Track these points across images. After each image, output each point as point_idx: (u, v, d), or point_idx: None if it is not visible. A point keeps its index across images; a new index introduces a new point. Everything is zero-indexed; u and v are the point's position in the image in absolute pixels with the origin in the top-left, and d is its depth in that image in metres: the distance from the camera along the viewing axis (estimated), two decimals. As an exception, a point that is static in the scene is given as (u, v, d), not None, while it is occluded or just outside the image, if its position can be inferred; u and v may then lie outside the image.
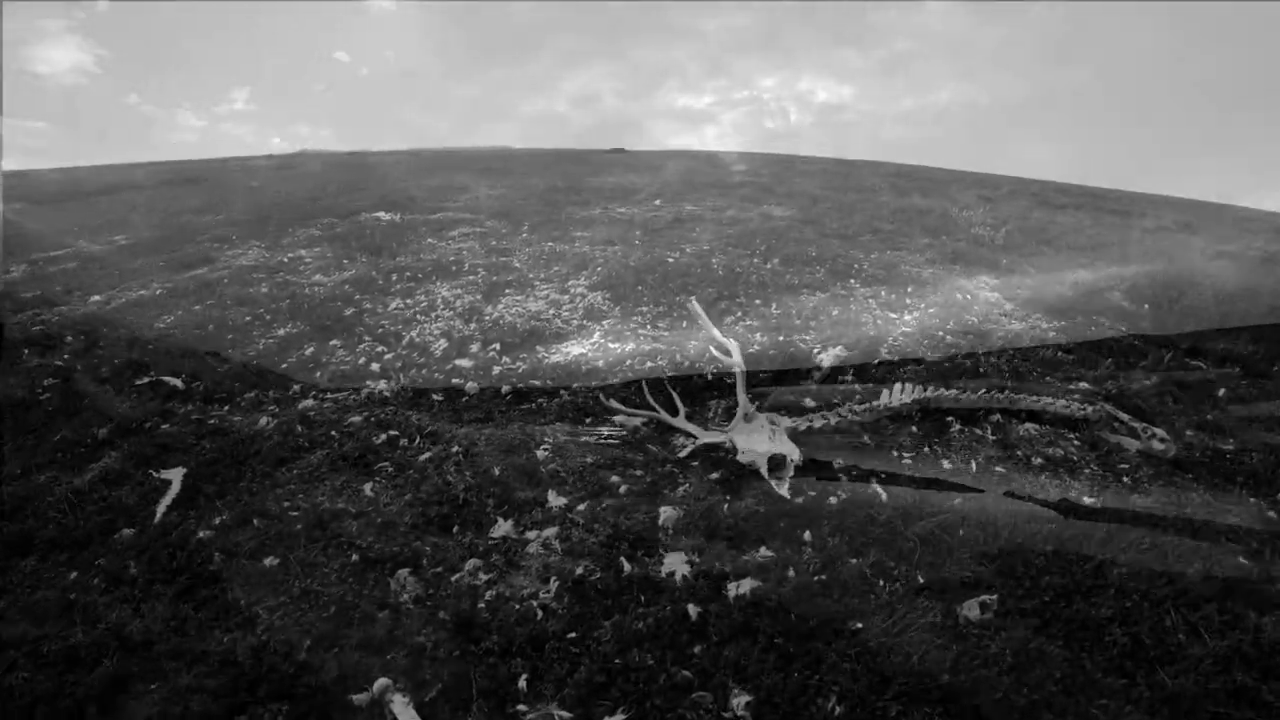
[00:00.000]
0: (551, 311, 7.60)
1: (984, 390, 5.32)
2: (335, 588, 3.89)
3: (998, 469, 4.65)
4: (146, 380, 6.65)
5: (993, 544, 3.94)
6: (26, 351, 7.22)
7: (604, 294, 7.99)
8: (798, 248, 9.49)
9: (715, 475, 4.59)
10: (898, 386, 5.28)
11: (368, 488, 4.71)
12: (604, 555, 3.97)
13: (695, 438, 4.90)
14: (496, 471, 4.73)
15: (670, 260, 9.09)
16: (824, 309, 7.20)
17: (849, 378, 5.94)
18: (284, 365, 6.79)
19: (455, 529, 4.30)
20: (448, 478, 4.74)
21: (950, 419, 5.19)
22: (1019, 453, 4.86)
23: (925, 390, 5.23)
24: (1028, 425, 5.16)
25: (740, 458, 4.56)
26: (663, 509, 4.21)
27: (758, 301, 7.47)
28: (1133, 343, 6.70)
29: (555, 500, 4.47)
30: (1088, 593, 3.65)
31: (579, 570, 3.84)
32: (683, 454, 4.79)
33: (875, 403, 5.18)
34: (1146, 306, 7.56)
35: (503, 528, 4.25)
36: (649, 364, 6.24)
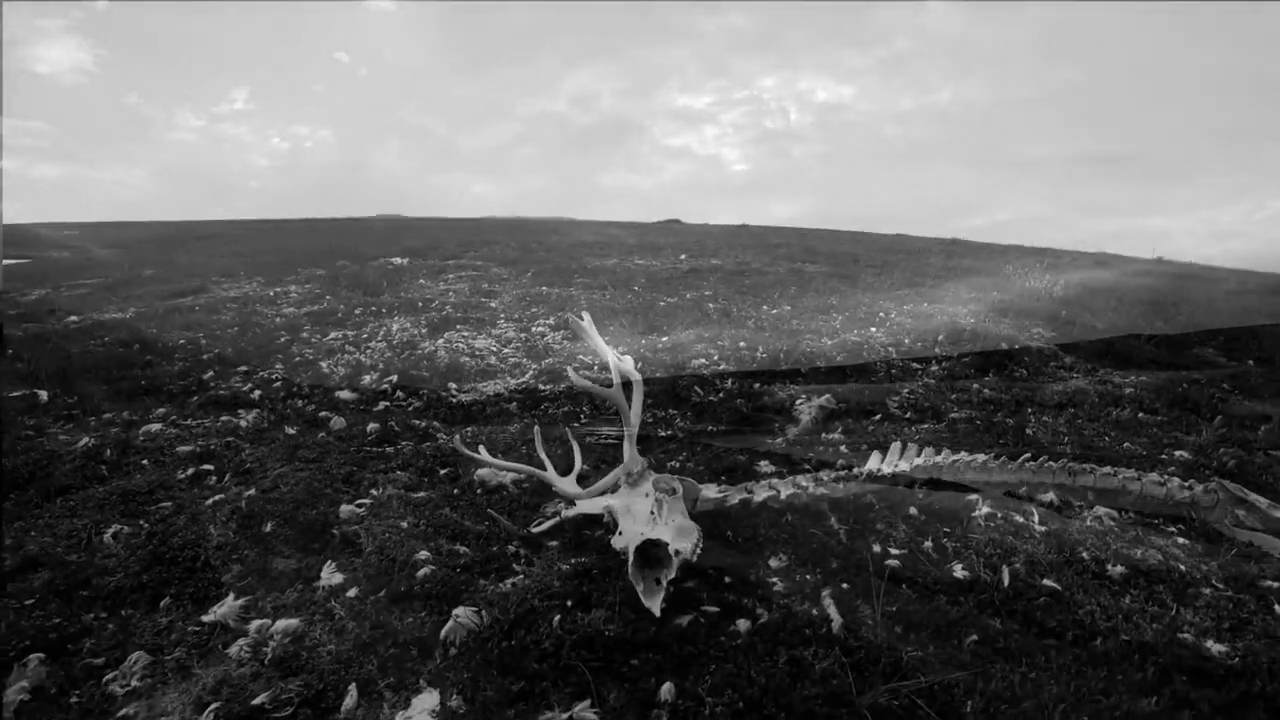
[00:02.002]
0: (495, 348, 6.12)
1: (1027, 458, 3.35)
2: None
3: (1046, 583, 2.66)
4: (19, 392, 5.57)
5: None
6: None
7: (565, 333, 6.47)
8: (817, 298, 7.75)
9: (569, 565, 2.82)
10: (896, 446, 3.40)
11: (110, 533, 3.21)
12: (331, 675, 2.26)
13: (569, 505, 3.17)
14: (268, 527, 3.14)
15: (661, 304, 7.53)
16: (824, 354, 5.38)
17: (836, 435, 4.08)
18: (170, 386, 5.56)
19: (166, 601, 2.71)
20: (211, 528, 3.18)
21: (974, 498, 3.23)
22: (1083, 555, 2.84)
23: (938, 455, 3.33)
24: (1098, 512, 3.14)
25: (614, 542, 2.79)
26: (457, 612, 2.47)
27: (742, 345, 5.74)
28: (1243, 402, 4.52)
29: (328, 577, 2.82)
30: None
31: (262, 698, 2.14)
32: (536, 528, 3.07)
33: (860, 469, 3.31)
34: (1251, 363, 5.34)
35: (223, 609, 2.62)
36: (566, 408, 4.59)
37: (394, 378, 5.20)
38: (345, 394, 4.97)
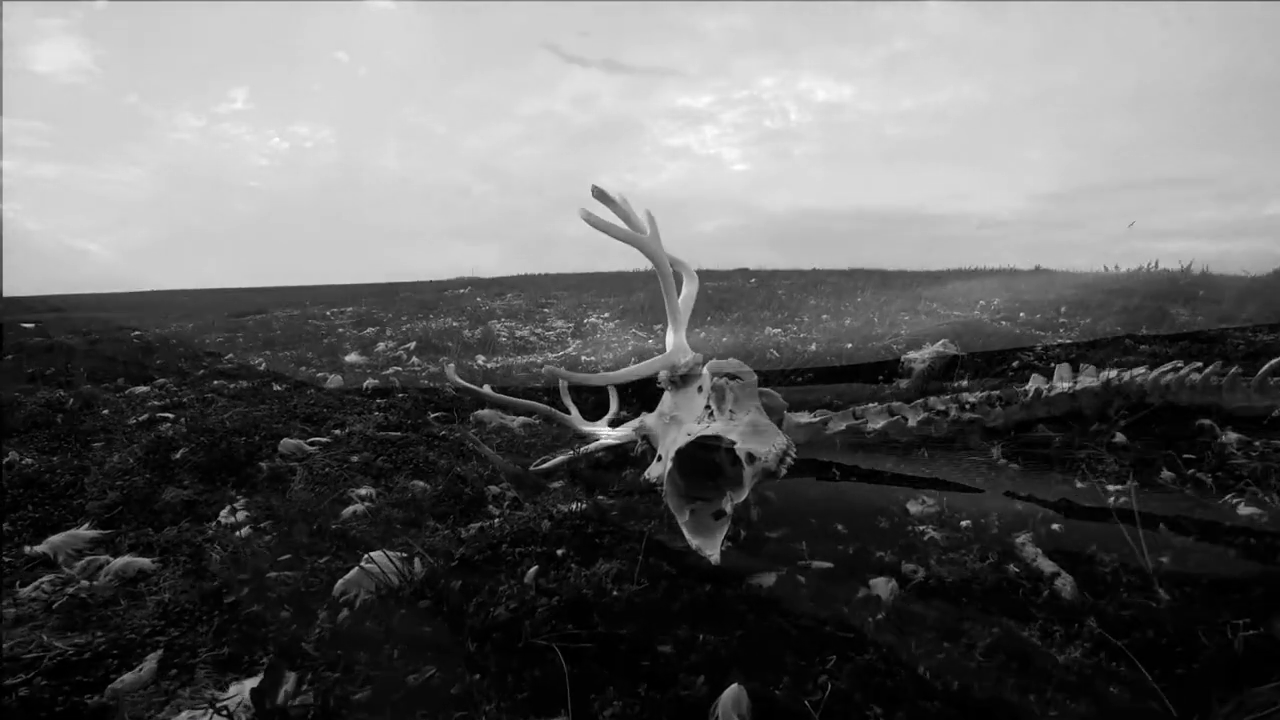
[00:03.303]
0: (539, 332, 5.21)
1: (1275, 366, 2.05)
2: None
3: None
4: (30, 369, 5.06)
5: None
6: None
7: (617, 321, 5.52)
8: (905, 290, 6.52)
9: (574, 506, 1.71)
10: (1064, 367, 2.18)
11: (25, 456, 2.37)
12: (134, 635, 1.22)
13: (587, 440, 2.11)
14: (178, 454, 2.21)
15: (729, 298, 6.47)
16: (926, 326, 4.16)
17: (963, 384, 2.84)
18: (183, 363, 4.90)
19: (5, 527, 1.80)
20: (115, 455, 2.29)
21: (1215, 439, 1.92)
22: None
23: (1135, 369, 2.09)
24: None
25: (650, 472, 1.68)
26: (371, 557, 1.41)
27: (825, 316, 4.60)
28: None
29: (228, 515, 1.84)
30: None
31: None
32: (537, 466, 2.02)
33: (1025, 388, 2.09)
34: None
35: (59, 539, 1.70)
36: (601, 370, 3.57)
37: (412, 344, 4.32)
38: (353, 357, 4.12)
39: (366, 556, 1.41)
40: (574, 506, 1.66)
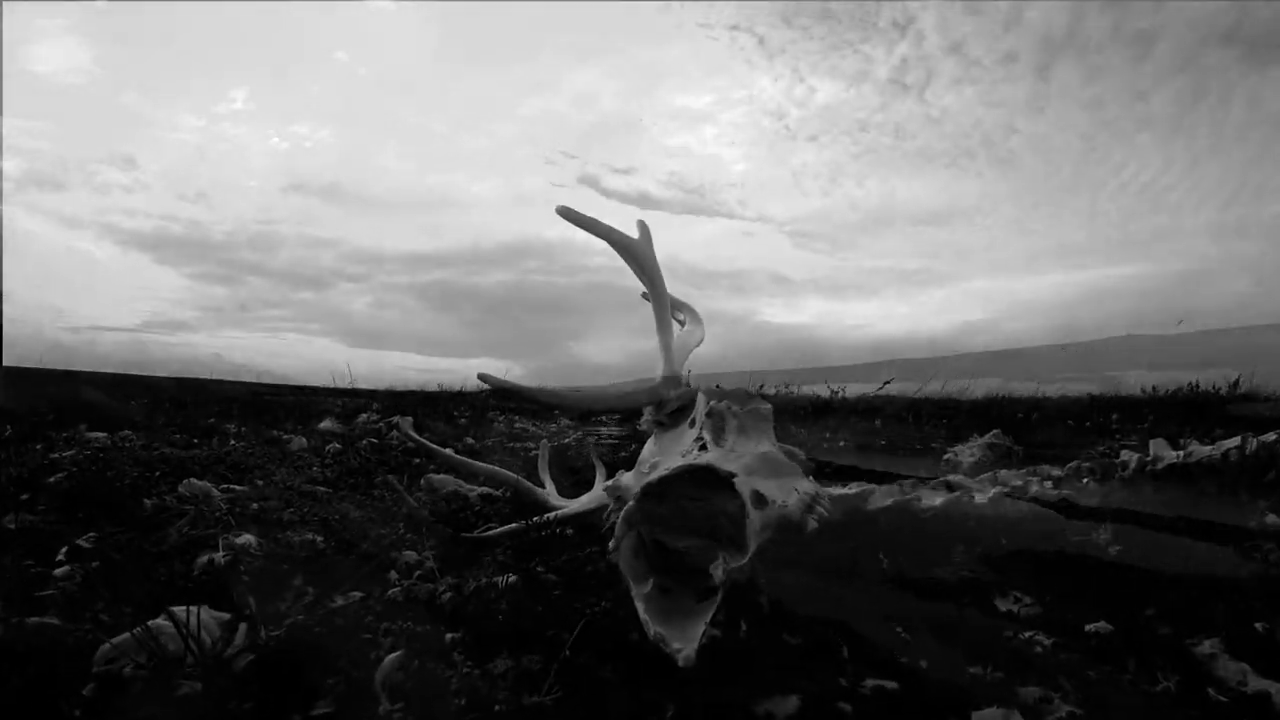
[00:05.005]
0: (539, 425, 4.78)
1: None
2: None
3: None
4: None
5: None
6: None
7: (635, 424, 5.06)
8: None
9: (505, 578, 1.18)
10: (1159, 443, 1.65)
11: None
12: None
13: (552, 510, 1.61)
14: (54, 478, 1.75)
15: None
16: (969, 423, 3.62)
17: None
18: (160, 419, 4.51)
19: None
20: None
21: None
22: None
23: (1257, 441, 1.54)
24: None
25: (613, 544, 1.10)
26: (169, 616, 0.89)
27: (854, 417, 4.10)
28: None
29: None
30: None
31: None
32: (479, 533, 1.52)
33: (1122, 459, 1.56)
34: None
35: None
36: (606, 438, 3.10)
37: (396, 419, 3.88)
38: (327, 424, 3.69)
39: (166, 613, 0.90)
40: (500, 579, 1.14)
